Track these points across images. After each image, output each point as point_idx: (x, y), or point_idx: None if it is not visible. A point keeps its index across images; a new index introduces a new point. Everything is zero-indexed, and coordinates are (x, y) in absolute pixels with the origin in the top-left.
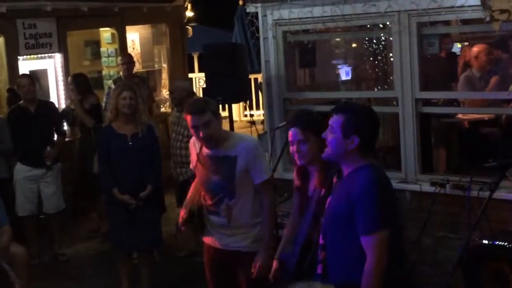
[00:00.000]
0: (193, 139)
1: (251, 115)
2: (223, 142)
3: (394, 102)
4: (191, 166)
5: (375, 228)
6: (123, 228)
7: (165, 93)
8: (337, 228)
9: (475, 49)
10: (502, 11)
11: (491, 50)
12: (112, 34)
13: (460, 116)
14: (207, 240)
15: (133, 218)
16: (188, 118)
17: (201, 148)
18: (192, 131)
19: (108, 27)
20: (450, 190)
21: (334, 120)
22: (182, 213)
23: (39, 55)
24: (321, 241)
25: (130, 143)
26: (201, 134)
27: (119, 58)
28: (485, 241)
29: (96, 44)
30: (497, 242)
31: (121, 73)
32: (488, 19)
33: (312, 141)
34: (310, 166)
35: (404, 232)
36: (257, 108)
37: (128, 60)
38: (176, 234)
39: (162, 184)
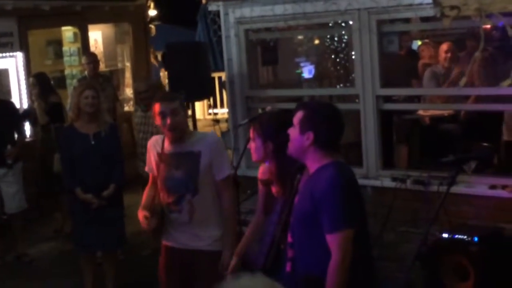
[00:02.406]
0: (151, 141)
1: (215, 114)
2: (187, 138)
3: (356, 99)
4: (146, 168)
5: (339, 227)
6: (87, 227)
7: (128, 92)
8: (303, 227)
9: (443, 46)
10: (452, 8)
11: (455, 47)
12: (74, 33)
13: (420, 112)
14: (166, 241)
15: (96, 217)
16: (157, 105)
17: (163, 147)
18: (158, 118)
19: (70, 26)
20: (410, 185)
21: (296, 116)
22: (143, 214)
23: (0, 55)
24: (289, 239)
25: (93, 143)
26: (168, 121)
27: (84, 57)
28: (445, 235)
29: (58, 43)
30: (456, 236)
31: (86, 72)
32: (438, 15)
33: (258, 142)
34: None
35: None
36: (222, 106)
37: (93, 59)
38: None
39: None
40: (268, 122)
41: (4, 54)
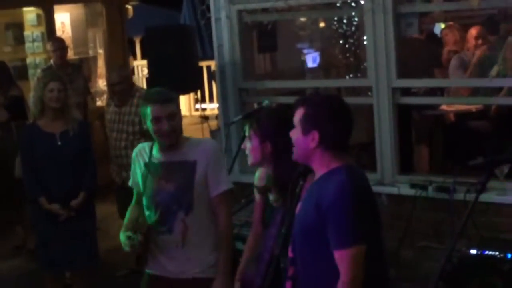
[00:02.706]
0: (137, 149)
1: (203, 109)
2: (180, 145)
3: (369, 92)
4: (129, 183)
5: (349, 242)
6: (53, 243)
7: (102, 84)
8: (307, 241)
9: (472, 30)
10: None
11: (485, 32)
12: (38, 15)
13: (444, 107)
14: (151, 269)
15: (64, 231)
16: (149, 109)
17: (151, 155)
18: (153, 123)
19: (33, 6)
20: (432, 193)
21: (295, 115)
22: (126, 235)
23: None
24: (290, 255)
25: (59, 143)
26: (164, 127)
27: (49, 43)
28: (473, 251)
29: (18, 27)
30: (487, 252)
31: (52, 61)
32: None
33: (255, 142)
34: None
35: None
36: (211, 100)
37: (60, 46)
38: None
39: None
40: (267, 119)
41: None
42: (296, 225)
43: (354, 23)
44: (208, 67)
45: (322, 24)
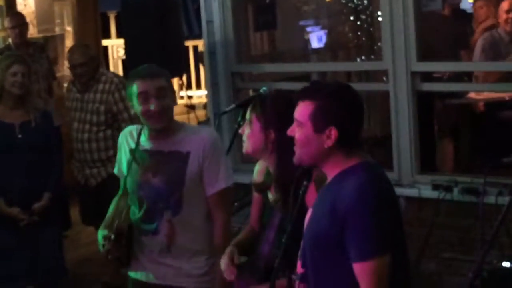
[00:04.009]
0: (124, 132)
1: (189, 97)
2: (174, 132)
3: (384, 77)
4: (115, 170)
5: (372, 253)
6: (12, 254)
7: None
8: (322, 253)
9: (504, 3)
10: None
11: None
12: None
13: (472, 95)
14: (134, 274)
15: (26, 239)
16: (135, 85)
17: (138, 141)
18: (140, 101)
19: None
20: (458, 196)
21: (301, 110)
22: (103, 234)
23: None
24: (299, 269)
25: (20, 136)
26: (153, 105)
27: (7, 20)
28: (505, 264)
29: None
30: None
31: (10, 39)
32: None
33: (256, 127)
34: (265, 161)
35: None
36: (198, 87)
37: (19, 22)
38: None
39: (65, 192)
40: (273, 102)
41: None
42: (307, 236)
43: None
44: (195, 48)
45: None
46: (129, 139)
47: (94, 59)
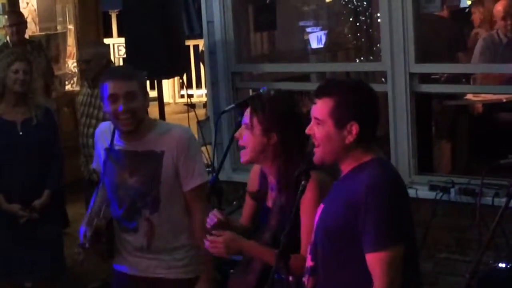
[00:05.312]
0: (100, 128)
1: (190, 96)
2: (147, 132)
3: (382, 78)
4: (93, 165)
5: (386, 243)
6: (12, 249)
7: (71, 65)
8: (334, 245)
9: (498, 5)
10: None
11: None
12: None
13: (470, 97)
14: (118, 267)
15: (26, 235)
16: (106, 85)
17: (112, 140)
18: (107, 103)
19: None
20: (455, 196)
21: (319, 108)
22: (83, 231)
23: None
24: (309, 263)
25: (21, 133)
26: (119, 107)
27: (5, 18)
28: (502, 264)
29: None
30: None
31: (8, 37)
32: None
33: (257, 130)
34: (262, 165)
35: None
36: (198, 86)
37: (17, 20)
38: (81, 260)
39: (64, 190)
40: (275, 103)
41: None
42: (319, 229)
43: None
44: (196, 47)
45: None
46: (104, 136)
47: (100, 57)
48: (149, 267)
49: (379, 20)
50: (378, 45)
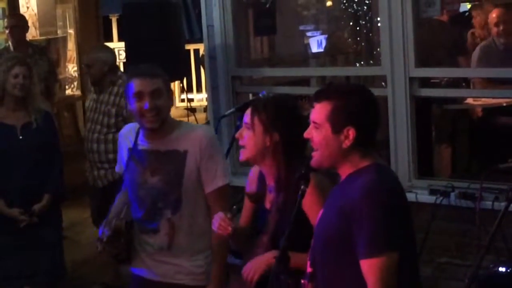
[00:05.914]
0: (124, 130)
1: (190, 100)
2: (170, 131)
3: (382, 83)
4: (117, 169)
5: (380, 250)
6: (11, 254)
7: (71, 69)
8: (331, 252)
9: (493, 13)
10: None
11: None
12: None
13: (470, 101)
14: (136, 270)
15: (25, 240)
16: (131, 83)
17: (136, 140)
18: (133, 101)
19: None
20: (455, 200)
21: (318, 112)
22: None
23: None
24: (308, 269)
25: (21, 137)
26: (146, 105)
27: (5, 20)
28: (502, 269)
29: None
30: None
31: (9, 41)
32: None
33: (258, 130)
34: (261, 166)
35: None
36: (199, 90)
37: (16, 23)
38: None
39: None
40: (276, 103)
41: None
42: (318, 235)
43: (367, 1)
44: (196, 51)
45: (329, 3)
46: (129, 137)
47: (102, 62)
48: (168, 271)
49: (379, 25)
50: (378, 49)
